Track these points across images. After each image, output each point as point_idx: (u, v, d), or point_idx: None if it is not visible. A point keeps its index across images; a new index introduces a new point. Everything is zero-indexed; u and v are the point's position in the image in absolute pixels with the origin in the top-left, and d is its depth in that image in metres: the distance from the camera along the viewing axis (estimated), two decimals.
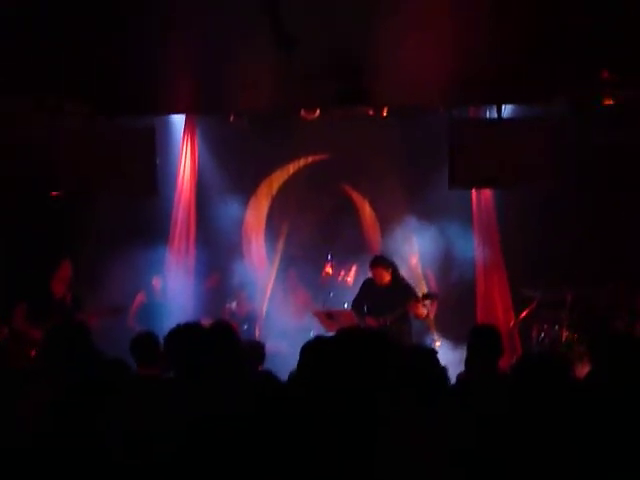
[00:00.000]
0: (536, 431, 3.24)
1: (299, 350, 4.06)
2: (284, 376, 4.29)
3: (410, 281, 9.27)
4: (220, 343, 4.30)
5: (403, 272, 9.29)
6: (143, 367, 5.60)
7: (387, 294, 8.74)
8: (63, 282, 8.69)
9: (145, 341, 5.77)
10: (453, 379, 4.72)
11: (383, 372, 2.98)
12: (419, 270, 10.43)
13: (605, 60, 7.80)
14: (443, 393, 3.82)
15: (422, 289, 9.60)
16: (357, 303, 8.99)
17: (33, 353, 7.90)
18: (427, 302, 8.81)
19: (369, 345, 3.05)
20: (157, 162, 9.39)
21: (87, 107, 8.87)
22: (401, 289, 8.82)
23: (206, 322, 5.18)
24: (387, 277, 8.82)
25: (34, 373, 4.60)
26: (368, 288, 9.00)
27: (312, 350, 4.48)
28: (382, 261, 8.96)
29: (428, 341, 9.52)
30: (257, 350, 6.22)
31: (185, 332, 4.35)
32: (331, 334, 4.26)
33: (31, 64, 7.54)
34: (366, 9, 6.38)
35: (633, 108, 8.91)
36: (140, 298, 9.84)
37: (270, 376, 3.77)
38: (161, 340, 4.83)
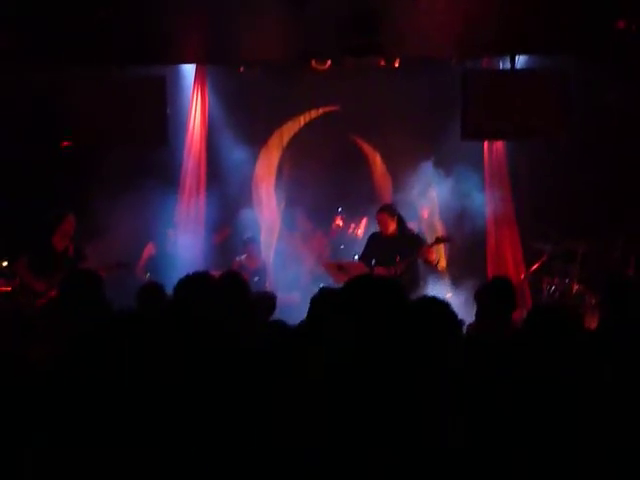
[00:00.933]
0: (549, 386, 3.23)
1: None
2: None
3: (421, 232, 9.24)
4: (230, 293, 4.30)
5: (415, 224, 9.26)
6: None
7: (394, 244, 8.66)
8: (66, 235, 8.68)
9: (150, 291, 5.77)
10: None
11: (395, 322, 2.94)
12: (431, 221, 10.40)
13: (621, 10, 7.70)
14: (458, 345, 3.80)
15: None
16: (365, 257, 8.95)
17: (38, 304, 7.97)
18: (439, 246, 8.77)
19: (380, 292, 3.01)
20: (168, 112, 9.34)
21: (98, 57, 8.80)
22: (408, 238, 8.76)
23: (216, 274, 5.18)
24: (392, 226, 8.73)
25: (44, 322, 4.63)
26: (374, 241, 8.94)
27: (319, 302, 4.51)
28: (386, 208, 8.90)
29: (440, 293, 9.51)
30: (267, 301, 6.21)
31: (195, 282, 4.35)
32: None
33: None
34: None
35: None
36: (149, 250, 9.81)
37: (280, 324, 3.75)
38: (168, 291, 4.84)
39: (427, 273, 9.03)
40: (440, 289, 9.16)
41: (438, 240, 8.87)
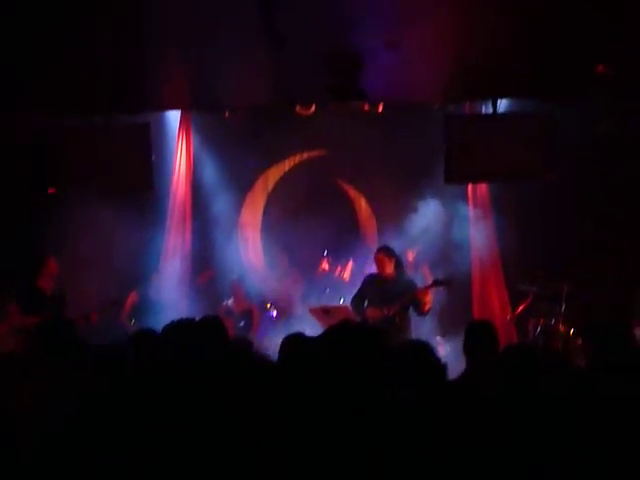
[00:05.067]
0: (525, 422, 3.22)
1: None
2: None
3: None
4: (208, 338, 4.31)
5: None
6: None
7: (391, 286, 8.66)
8: (50, 278, 8.77)
9: (141, 337, 5.76)
10: (453, 374, 4.70)
11: (370, 368, 2.94)
12: (416, 265, 10.41)
13: (600, 55, 7.81)
14: (441, 388, 3.79)
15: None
16: (357, 299, 8.93)
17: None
18: (437, 289, 8.80)
19: (354, 341, 3.01)
20: (153, 158, 9.38)
21: (82, 106, 8.87)
22: (405, 282, 8.78)
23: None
24: (389, 267, 8.76)
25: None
26: (370, 283, 8.94)
27: (289, 346, 4.55)
28: (384, 249, 8.92)
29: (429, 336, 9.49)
30: (244, 346, 6.13)
31: (177, 328, 4.37)
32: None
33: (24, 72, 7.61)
34: (361, 5, 6.40)
35: (630, 101, 8.93)
36: (132, 298, 9.76)
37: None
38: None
39: (414, 316, 9.02)
40: (429, 332, 9.19)
41: (436, 283, 8.85)
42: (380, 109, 9.89)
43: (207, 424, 3.02)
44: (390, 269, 8.77)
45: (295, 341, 4.74)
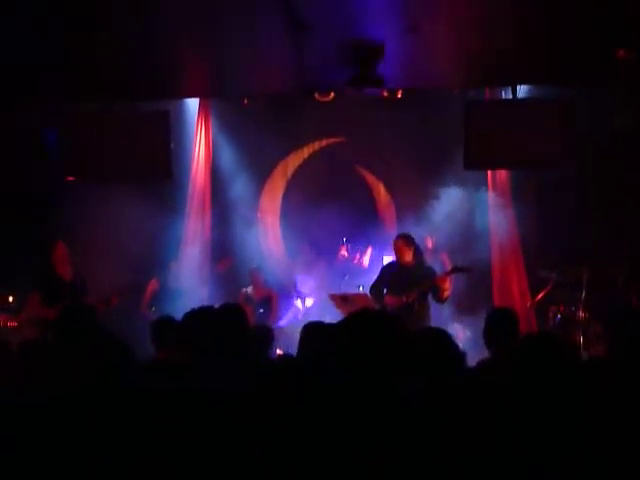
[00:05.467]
0: (540, 414, 3.20)
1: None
2: None
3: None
4: (227, 325, 4.32)
5: None
6: (161, 351, 5.64)
7: (409, 273, 8.60)
8: (64, 263, 8.77)
9: (162, 325, 5.81)
10: (472, 362, 4.68)
11: (389, 355, 2.93)
12: (435, 251, 10.39)
13: (621, 40, 7.73)
14: (460, 376, 3.78)
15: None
16: (376, 287, 8.89)
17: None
18: (457, 276, 8.76)
19: (374, 328, 2.99)
20: (172, 146, 9.39)
21: (101, 92, 8.87)
22: (424, 269, 8.73)
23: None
24: (408, 255, 8.67)
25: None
26: (389, 270, 8.89)
27: (309, 334, 4.58)
28: (403, 237, 8.84)
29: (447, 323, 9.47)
30: (265, 334, 6.16)
31: (197, 316, 4.37)
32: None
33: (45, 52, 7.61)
34: None
35: None
36: (153, 285, 9.81)
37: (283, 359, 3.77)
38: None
39: (433, 303, 8.99)
40: (447, 319, 9.16)
41: (455, 269, 8.76)
42: (399, 95, 9.86)
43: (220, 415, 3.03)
44: (409, 256, 8.70)
45: (315, 329, 4.77)
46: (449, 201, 10.21)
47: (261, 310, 9.91)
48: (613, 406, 3.34)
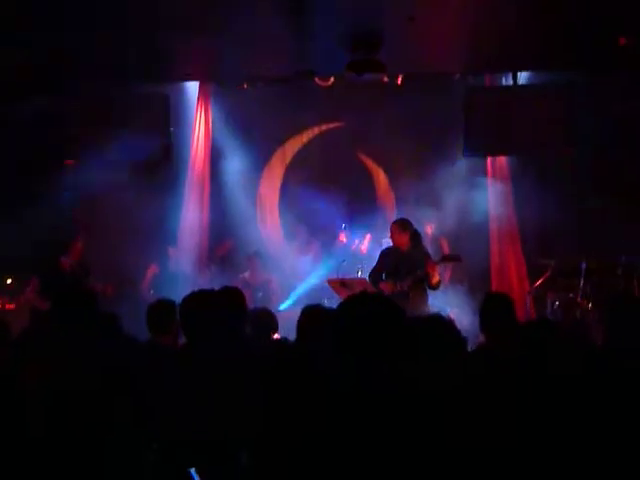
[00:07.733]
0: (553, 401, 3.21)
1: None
2: None
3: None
4: (227, 309, 4.32)
5: None
6: (158, 335, 5.62)
7: (405, 259, 8.52)
8: (75, 256, 8.80)
9: (159, 309, 5.78)
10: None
11: (389, 340, 2.92)
12: (435, 237, 10.37)
13: (622, 27, 7.72)
14: (459, 362, 3.77)
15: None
16: (374, 273, 8.82)
17: None
18: (446, 264, 8.71)
19: (372, 311, 2.98)
20: (171, 130, 9.37)
21: (101, 75, 8.85)
22: (419, 255, 8.64)
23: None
24: (402, 240, 8.56)
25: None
26: (386, 256, 8.82)
27: (308, 317, 4.59)
28: (397, 222, 8.73)
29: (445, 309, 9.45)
30: (269, 319, 6.14)
31: (195, 300, 4.37)
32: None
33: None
34: None
35: None
36: (153, 269, 9.80)
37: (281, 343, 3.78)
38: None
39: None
40: (445, 306, 9.14)
41: (445, 259, 8.71)
42: (399, 81, 9.84)
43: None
44: (403, 242, 8.59)
45: (314, 312, 4.77)
46: (449, 187, 10.18)
47: (260, 294, 9.89)
48: (613, 394, 3.35)
